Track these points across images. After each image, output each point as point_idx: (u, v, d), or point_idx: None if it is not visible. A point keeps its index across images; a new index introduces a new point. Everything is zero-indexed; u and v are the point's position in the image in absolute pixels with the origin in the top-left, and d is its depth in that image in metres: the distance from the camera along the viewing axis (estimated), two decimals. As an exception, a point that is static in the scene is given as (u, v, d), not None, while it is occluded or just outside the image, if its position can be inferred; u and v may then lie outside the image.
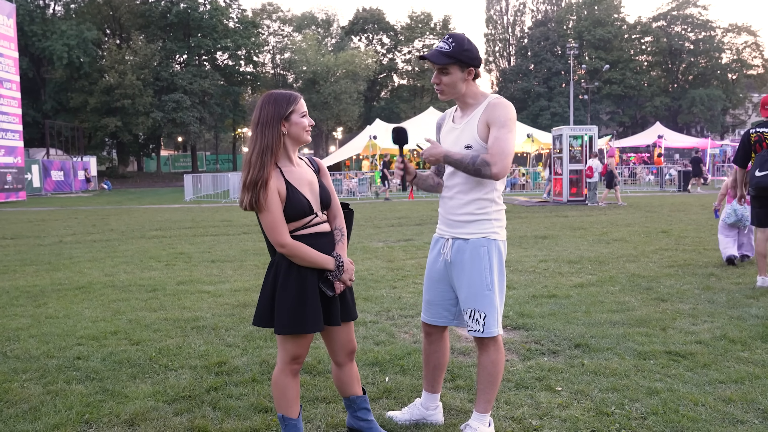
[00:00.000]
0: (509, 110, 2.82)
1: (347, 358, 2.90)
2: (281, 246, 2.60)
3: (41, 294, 6.65)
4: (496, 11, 72.19)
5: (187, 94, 49.51)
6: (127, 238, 12.00)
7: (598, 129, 21.33)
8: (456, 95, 2.93)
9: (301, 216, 2.65)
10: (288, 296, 2.63)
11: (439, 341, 3.18)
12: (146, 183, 50.94)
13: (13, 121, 28.75)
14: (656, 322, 4.98)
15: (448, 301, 3.05)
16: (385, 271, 7.63)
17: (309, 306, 2.63)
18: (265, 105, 2.63)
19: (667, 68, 65.09)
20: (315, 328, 2.65)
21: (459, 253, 2.93)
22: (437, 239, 3.10)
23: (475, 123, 2.86)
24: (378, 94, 65.93)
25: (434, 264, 3.07)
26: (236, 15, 56.05)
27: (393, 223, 13.93)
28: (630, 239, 10.22)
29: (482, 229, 2.90)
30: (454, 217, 2.97)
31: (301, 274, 2.65)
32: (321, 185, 2.78)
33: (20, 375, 4.06)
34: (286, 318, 2.62)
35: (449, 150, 2.84)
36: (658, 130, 41.64)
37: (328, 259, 2.70)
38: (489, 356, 2.94)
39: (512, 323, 5.07)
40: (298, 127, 2.65)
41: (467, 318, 2.93)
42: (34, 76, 48.74)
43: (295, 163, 2.72)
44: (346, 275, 2.73)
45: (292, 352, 2.71)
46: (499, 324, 2.93)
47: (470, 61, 2.84)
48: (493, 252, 2.90)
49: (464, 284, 2.91)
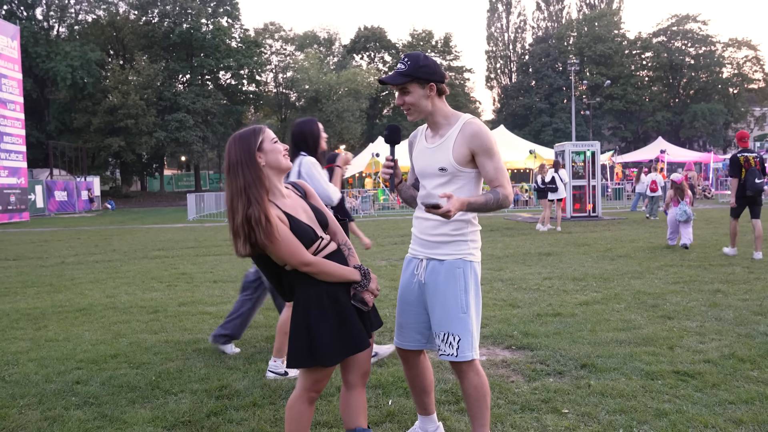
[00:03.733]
0: (490, 135, 2.80)
1: (360, 380, 2.75)
2: (305, 265, 2.52)
3: (42, 316, 6.60)
4: (497, 28, 72.60)
5: (190, 113, 49.73)
6: (129, 259, 11.96)
7: (600, 144, 21.30)
8: (423, 114, 2.86)
9: (308, 244, 2.57)
10: (328, 325, 2.55)
11: (417, 365, 3.08)
12: (150, 202, 51.01)
13: (17, 142, 28.84)
14: (663, 341, 4.91)
15: (422, 324, 2.96)
16: (387, 290, 7.57)
17: (353, 326, 2.58)
18: (231, 147, 2.53)
19: (668, 83, 65.21)
20: (364, 345, 2.60)
21: (433, 275, 2.86)
22: (410, 260, 3.02)
23: (450, 145, 2.80)
24: (380, 111, 66.10)
25: (408, 286, 2.99)
26: (239, 35, 56.46)
27: (396, 241, 13.87)
28: (634, 255, 10.15)
29: (458, 251, 2.84)
30: (428, 237, 2.90)
31: (330, 299, 2.57)
32: (313, 208, 2.72)
33: (18, 400, 4.00)
34: (330, 347, 2.54)
35: (468, 198, 2.69)
36: (661, 144, 41.63)
37: (353, 271, 2.65)
38: (470, 382, 2.85)
39: (517, 343, 5.01)
40: (274, 153, 2.56)
41: (439, 341, 2.83)
42: (38, 97, 49.00)
43: (284, 194, 2.65)
44: (373, 284, 2.67)
45: (314, 377, 2.63)
46: (475, 348, 2.83)
47: (428, 76, 2.77)
48: (469, 274, 2.84)
49: (438, 306, 2.83)
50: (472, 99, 65.42)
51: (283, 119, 61.37)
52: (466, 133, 2.78)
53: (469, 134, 2.77)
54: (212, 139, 53.33)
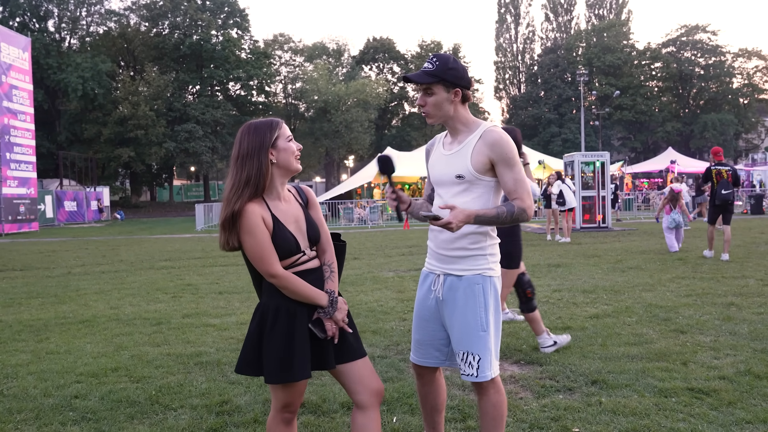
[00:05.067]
0: (511, 143, 2.65)
1: (373, 399, 2.51)
2: (271, 276, 2.40)
3: (44, 328, 6.53)
4: (506, 39, 72.59)
5: (199, 124, 49.92)
6: (135, 269, 11.91)
7: (609, 155, 21.15)
8: (444, 118, 2.73)
9: (287, 255, 2.45)
10: (276, 341, 2.42)
11: (432, 382, 2.96)
12: (159, 212, 51.15)
13: (27, 153, 28.99)
14: (676, 356, 4.78)
15: (440, 341, 2.84)
16: (394, 302, 7.46)
17: (298, 351, 2.42)
18: (245, 136, 2.42)
19: (678, 93, 64.91)
20: (303, 375, 2.43)
21: (451, 291, 2.73)
22: (427, 274, 2.89)
23: (469, 153, 2.67)
24: (389, 122, 66.14)
25: (424, 301, 2.86)
26: (248, 46, 56.69)
27: (404, 252, 13.76)
28: (645, 267, 9.99)
29: (476, 265, 2.71)
30: (445, 251, 2.76)
31: (289, 316, 2.45)
32: (309, 220, 2.57)
33: (15, 415, 3.92)
34: (276, 365, 2.41)
35: (477, 210, 2.56)
36: (671, 155, 41.37)
37: (321, 295, 2.49)
38: (489, 399, 2.72)
39: (526, 358, 4.89)
40: (287, 153, 2.45)
41: (460, 361, 2.71)
42: (49, 108, 49.33)
43: (283, 198, 2.52)
44: (339, 314, 2.50)
45: (283, 399, 2.52)
46: (494, 366, 2.70)
47: (456, 80, 2.65)
48: (489, 290, 2.70)
49: (457, 324, 2.71)
50: (481, 110, 65.33)
51: (293, 130, 61.20)
52: (486, 140, 2.64)
53: (490, 142, 2.63)
54: (221, 149, 53.44)
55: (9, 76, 27.46)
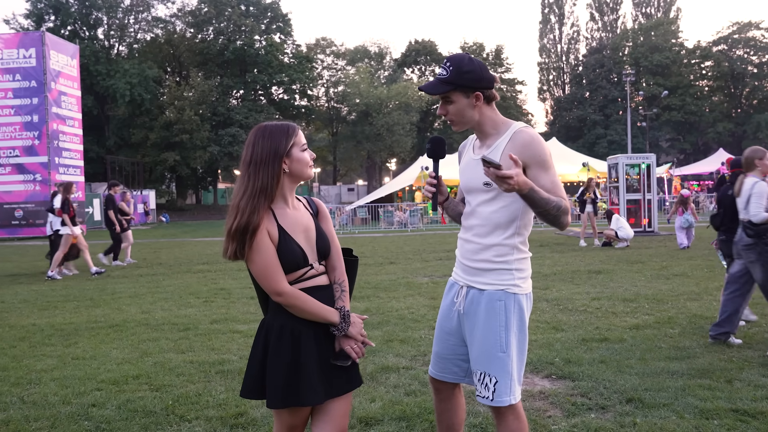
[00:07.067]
0: (544, 144, 2.44)
1: None
2: (278, 294, 2.22)
3: (74, 332, 6.55)
4: (550, 40, 71.56)
5: (243, 128, 50.51)
6: (173, 273, 12.00)
7: (657, 157, 20.50)
8: (469, 124, 2.54)
9: (294, 268, 2.27)
10: (281, 363, 2.25)
11: (450, 399, 2.76)
12: (203, 215, 51.93)
13: (75, 157, 29.73)
14: (721, 373, 4.47)
15: (460, 356, 2.64)
16: (426, 309, 7.27)
17: (304, 374, 2.24)
18: (258, 140, 2.26)
19: (730, 93, 62.85)
20: (314, 399, 2.25)
21: (472, 305, 2.53)
22: (452, 284, 2.70)
23: (498, 156, 2.45)
24: (431, 125, 65.81)
25: (447, 313, 2.67)
26: (291, 50, 57.21)
27: (441, 257, 13.54)
28: (692, 274, 9.56)
29: (500, 280, 2.49)
30: (469, 263, 2.57)
31: (294, 337, 2.27)
32: (319, 231, 2.39)
33: (31, 423, 3.89)
34: (279, 389, 2.23)
35: (534, 185, 2.34)
36: (722, 156, 40.00)
37: (332, 311, 2.31)
38: (508, 426, 2.49)
39: (558, 372, 4.64)
40: (301, 164, 2.30)
41: (476, 381, 2.51)
42: (98, 114, 50.62)
43: (292, 205, 2.36)
44: (354, 328, 2.32)
45: (287, 423, 2.33)
46: (515, 391, 2.47)
47: (473, 83, 2.44)
48: (512, 308, 2.47)
49: (476, 342, 2.50)
50: (525, 111, 64.48)
51: (335, 133, 61.79)
52: (516, 142, 2.43)
53: (520, 144, 2.42)
54: (264, 153, 53.98)
55: (58, 82, 28.19)
